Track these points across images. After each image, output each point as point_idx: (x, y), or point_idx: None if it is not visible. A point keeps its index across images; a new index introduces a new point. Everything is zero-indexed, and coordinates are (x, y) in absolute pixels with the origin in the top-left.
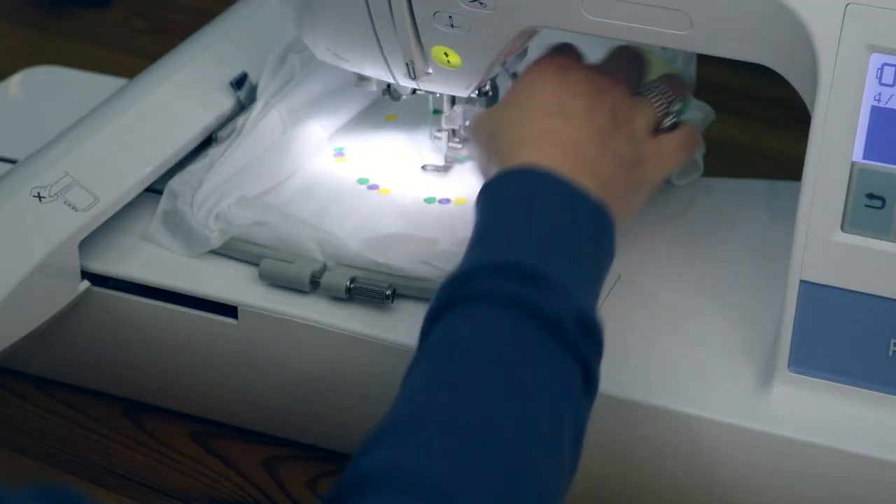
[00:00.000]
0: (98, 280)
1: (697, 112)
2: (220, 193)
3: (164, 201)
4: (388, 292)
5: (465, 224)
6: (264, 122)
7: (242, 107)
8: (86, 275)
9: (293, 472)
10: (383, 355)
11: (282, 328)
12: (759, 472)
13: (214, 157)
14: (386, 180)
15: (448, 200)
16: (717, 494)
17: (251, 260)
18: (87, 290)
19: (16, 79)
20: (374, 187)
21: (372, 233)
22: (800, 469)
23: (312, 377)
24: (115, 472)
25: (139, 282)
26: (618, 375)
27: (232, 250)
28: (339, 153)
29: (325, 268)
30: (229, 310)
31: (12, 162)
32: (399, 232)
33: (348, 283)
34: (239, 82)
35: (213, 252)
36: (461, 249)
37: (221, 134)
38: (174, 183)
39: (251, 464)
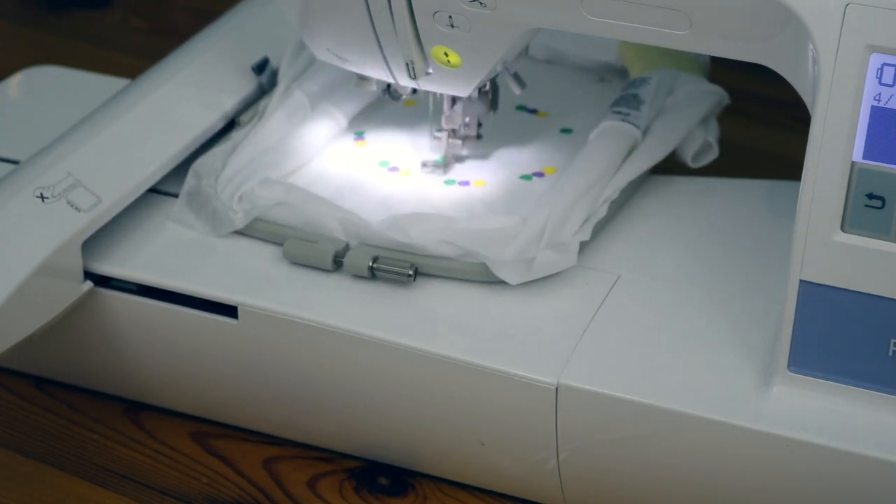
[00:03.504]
0: (101, 280)
1: (711, 95)
2: (244, 175)
3: (189, 182)
4: (411, 271)
5: (484, 205)
6: (285, 106)
7: (264, 91)
8: (88, 275)
9: (293, 472)
10: (383, 355)
11: (282, 328)
12: (758, 472)
13: (237, 140)
14: (406, 163)
15: (468, 183)
16: (717, 494)
17: (274, 240)
18: (89, 291)
19: (16, 79)
20: (394, 169)
21: (393, 213)
22: (800, 469)
23: (312, 377)
24: (115, 472)
25: (141, 282)
26: (618, 375)
27: (255, 231)
28: (360, 137)
29: (347, 247)
30: (229, 310)
31: (11, 162)
32: (420, 212)
33: (371, 263)
34: (260, 67)
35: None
36: (482, 228)
37: (243, 118)
38: (198, 165)
39: (251, 464)
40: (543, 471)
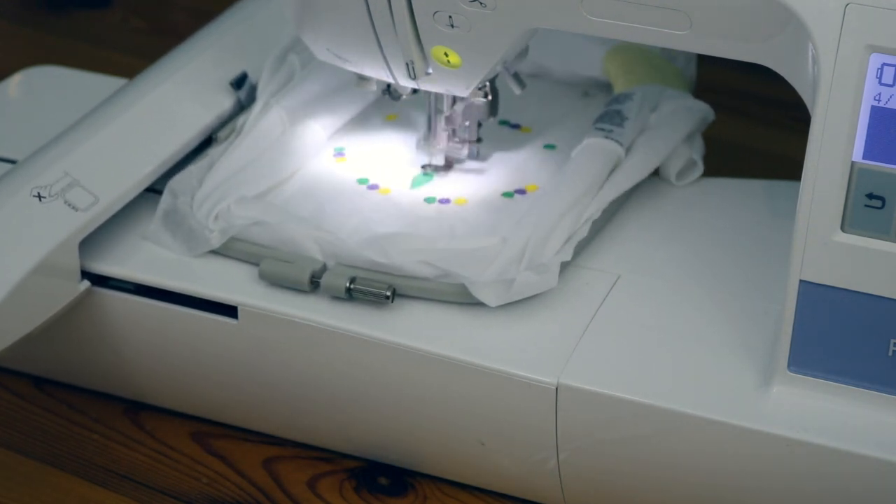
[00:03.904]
0: (98, 280)
1: (696, 112)
2: (220, 193)
3: (165, 201)
4: (388, 293)
5: (465, 224)
6: (264, 121)
7: (242, 107)
8: (86, 275)
9: (293, 472)
10: (383, 355)
11: (282, 328)
12: (758, 472)
13: (214, 157)
14: (386, 180)
15: (448, 200)
16: (717, 494)
17: (251, 260)
18: (87, 290)
19: (16, 79)
20: (374, 187)
21: (372, 232)
22: (800, 469)
23: (312, 377)
24: (115, 472)
25: (139, 282)
26: (618, 375)
27: (232, 250)
28: (339, 153)
29: (324, 268)
30: (229, 310)
31: (12, 162)
32: (399, 231)
33: (348, 284)
34: (239, 82)
35: (213, 252)
36: (461, 249)
37: (221, 134)
38: (174, 183)
39: (251, 464)
40: (543, 471)
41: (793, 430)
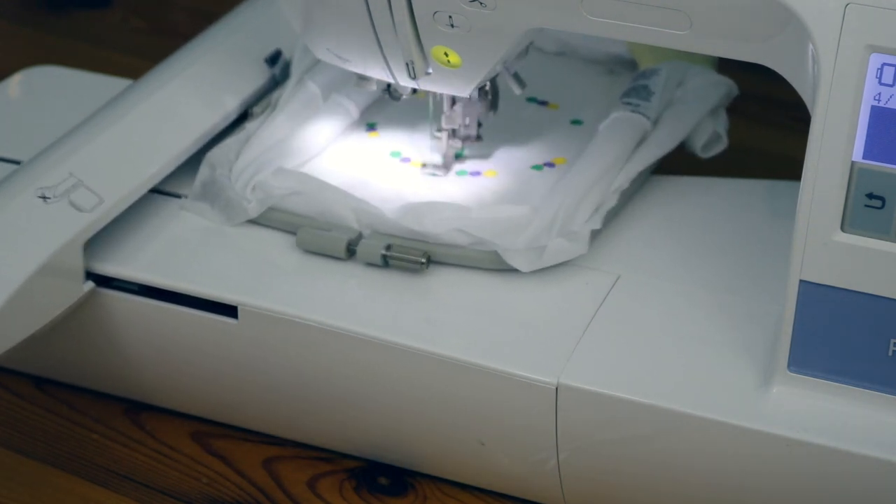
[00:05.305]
0: (102, 281)
1: (720, 87)
2: (257, 166)
3: (202, 173)
4: (423, 259)
5: (496, 195)
6: (298, 97)
7: (277, 83)
8: (90, 275)
9: (293, 472)
10: (384, 355)
11: (282, 328)
12: (758, 472)
13: (251, 131)
14: (417, 153)
15: (479, 173)
16: (716, 494)
17: (288, 229)
18: (91, 291)
19: (16, 79)
20: (406, 160)
21: (406, 202)
22: (799, 469)
23: (312, 377)
24: (116, 472)
25: (143, 282)
26: (618, 375)
27: (269, 220)
28: (371, 128)
29: (360, 236)
30: (229, 310)
31: (12, 162)
32: (433, 201)
33: (384, 251)
34: (273, 59)
35: (250, 222)
36: (494, 217)
37: (256, 109)
38: (212, 155)
39: (251, 464)
40: (543, 471)
41: (793, 430)
